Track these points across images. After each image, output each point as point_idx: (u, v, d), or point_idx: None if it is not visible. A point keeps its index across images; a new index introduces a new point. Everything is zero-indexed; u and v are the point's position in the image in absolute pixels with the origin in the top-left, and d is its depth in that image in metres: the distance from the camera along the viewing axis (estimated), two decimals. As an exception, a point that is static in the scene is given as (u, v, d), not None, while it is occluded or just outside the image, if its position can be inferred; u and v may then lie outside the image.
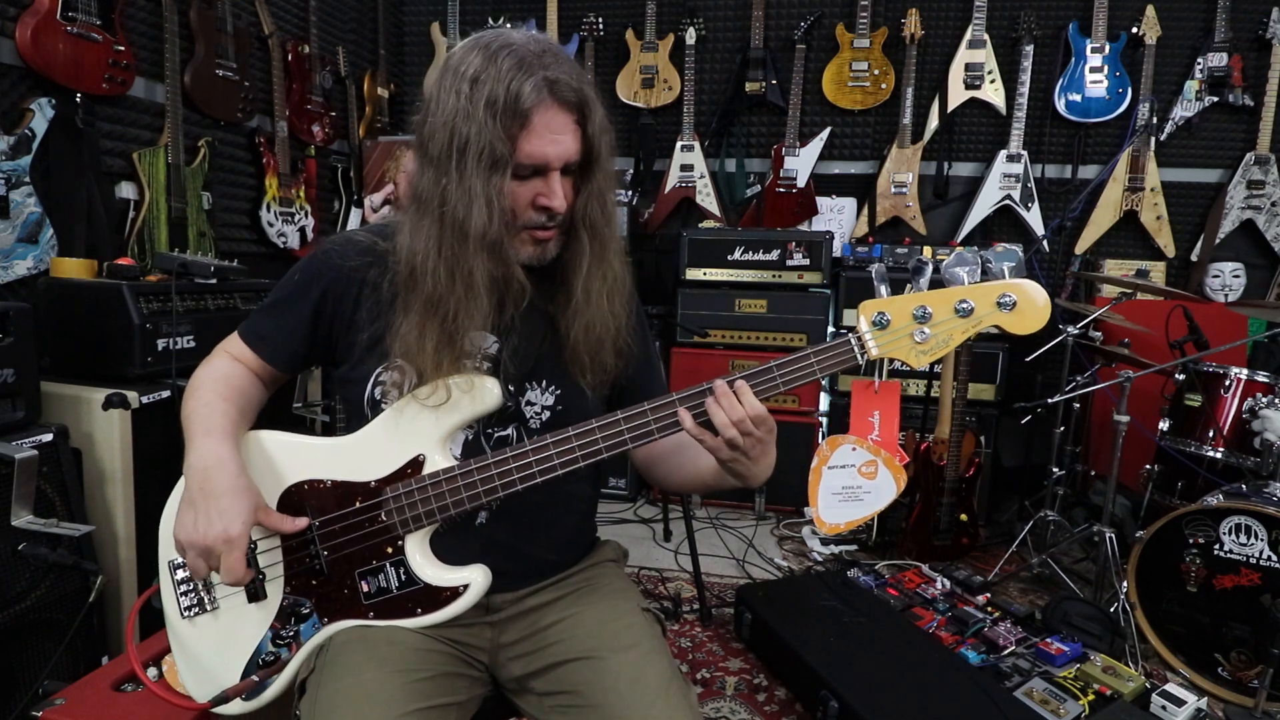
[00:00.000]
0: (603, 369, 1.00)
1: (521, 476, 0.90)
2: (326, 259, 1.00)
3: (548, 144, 0.88)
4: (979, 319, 0.86)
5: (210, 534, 0.87)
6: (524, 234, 0.93)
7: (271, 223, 2.95)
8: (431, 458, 0.93)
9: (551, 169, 0.89)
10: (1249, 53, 3.15)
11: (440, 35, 3.76)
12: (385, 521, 0.93)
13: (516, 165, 0.88)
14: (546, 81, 0.86)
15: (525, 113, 0.85)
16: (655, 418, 0.88)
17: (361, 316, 0.98)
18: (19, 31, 1.94)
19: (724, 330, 3.18)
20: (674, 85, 3.57)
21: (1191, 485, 2.34)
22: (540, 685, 0.98)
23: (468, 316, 0.91)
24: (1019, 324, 0.86)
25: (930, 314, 0.86)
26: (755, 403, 0.86)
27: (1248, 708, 1.80)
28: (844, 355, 0.88)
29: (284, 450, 0.98)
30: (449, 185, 0.87)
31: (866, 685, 1.66)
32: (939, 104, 3.39)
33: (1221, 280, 3.15)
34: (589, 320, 0.97)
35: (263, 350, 1.02)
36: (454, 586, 0.92)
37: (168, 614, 0.99)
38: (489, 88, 0.85)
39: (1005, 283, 0.86)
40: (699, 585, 2.31)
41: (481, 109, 0.85)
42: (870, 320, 0.87)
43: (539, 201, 0.91)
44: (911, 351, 0.88)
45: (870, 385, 0.94)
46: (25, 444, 1.44)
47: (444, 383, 0.91)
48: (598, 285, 0.97)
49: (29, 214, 1.95)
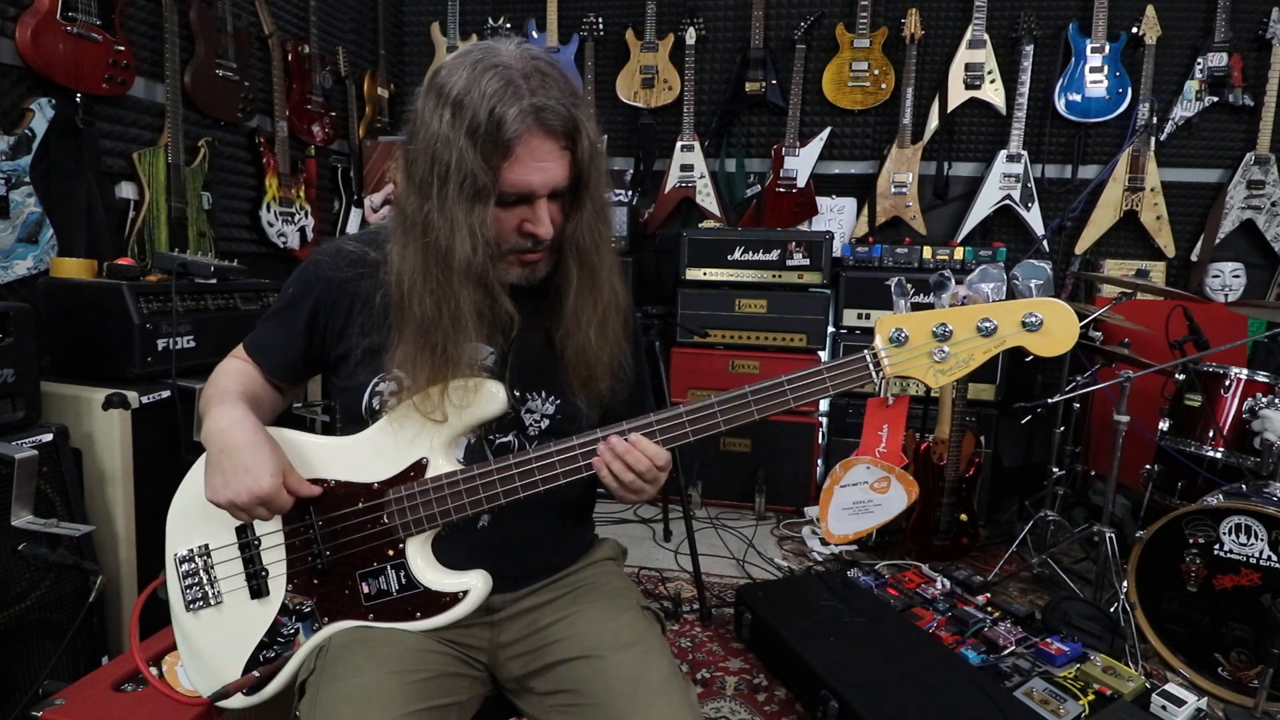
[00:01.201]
0: (596, 389, 1.00)
1: (524, 484, 0.90)
2: (317, 270, 0.99)
3: (532, 173, 0.85)
4: (1002, 339, 0.82)
5: (240, 489, 0.87)
6: (511, 257, 0.92)
7: (271, 223, 2.95)
8: (435, 461, 0.93)
9: (537, 196, 0.87)
10: (1249, 53, 3.15)
11: (440, 35, 3.76)
12: (387, 524, 0.93)
13: (500, 194, 0.86)
14: (533, 109, 0.83)
15: (508, 142, 0.82)
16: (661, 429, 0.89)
17: (354, 329, 0.98)
18: (19, 31, 1.94)
19: (724, 330, 3.18)
20: (674, 85, 3.57)
21: (1191, 485, 2.34)
22: (540, 685, 0.98)
23: (457, 347, 0.89)
24: (1044, 345, 0.82)
25: (951, 332, 0.83)
26: (655, 451, 0.87)
27: (1248, 708, 1.80)
28: (858, 373, 0.86)
29: (291, 448, 0.98)
30: (431, 212, 0.85)
31: (866, 685, 1.66)
32: (939, 104, 3.39)
33: (1221, 280, 3.15)
34: (580, 344, 0.97)
35: (262, 361, 1.04)
36: (454, 592, 0.92)
37: (173, 606, 1.00)
38: (471, 114, 0.82)
39: (1032, 301, 0.82)
40: (699, 585, 2.31)
41: (464, 136, 0.82)
42: (887, 336, 0.84)
43: (525, 228, 0.89)
44: (929, 371, 0.84)
45: (884, 402, 0.93)
46: (25, 444, 1.44)
47: (443, 405, 0.90)
48: (588, 312, 0.96)
49: (29, 214, 1.95)
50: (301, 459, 0.97)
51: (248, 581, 0.97)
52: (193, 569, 0.99)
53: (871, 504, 0.96)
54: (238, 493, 0.87)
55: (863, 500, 0.96)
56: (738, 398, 0.88)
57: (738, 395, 0.88)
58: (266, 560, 0.96)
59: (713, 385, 3.19)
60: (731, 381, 3.16)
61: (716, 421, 0.88)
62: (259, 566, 0.96)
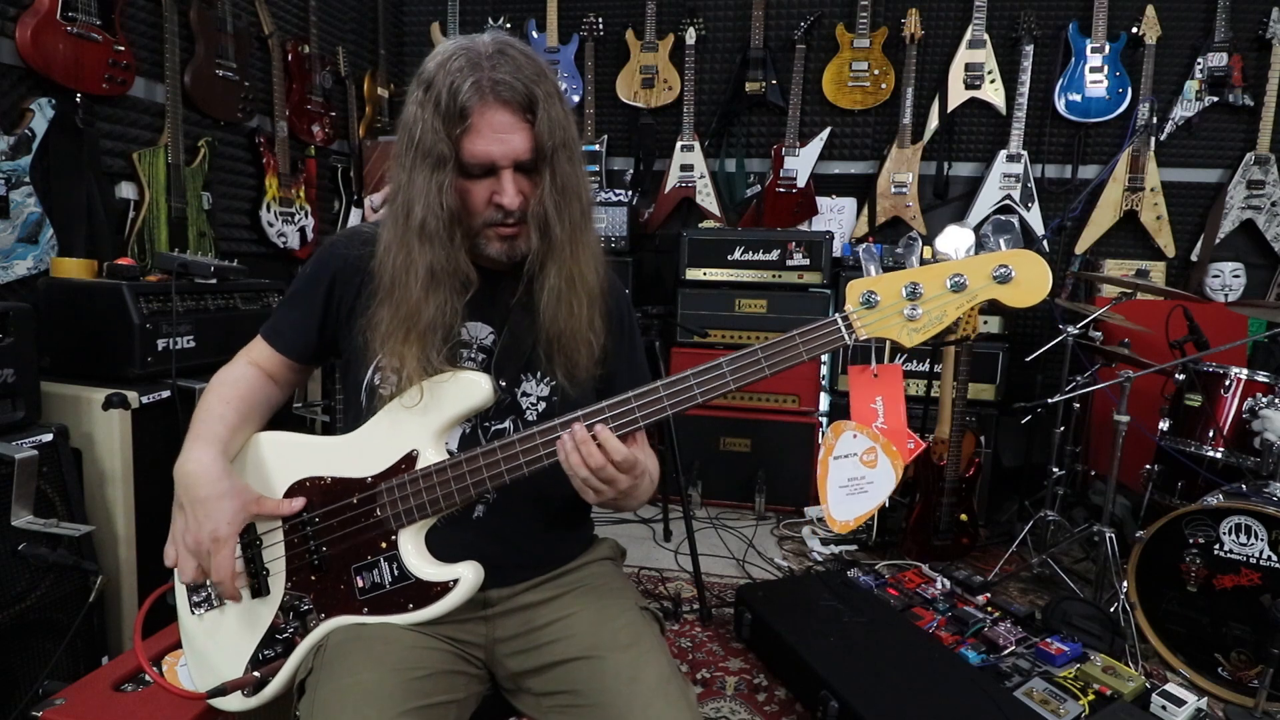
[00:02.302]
0: (574, 366, 1.01)
1: (509, 468, 0.91)
2: (334, 249, 1.06)
3: (491, 143, 0.90)
4: (974, 293, 0.82)
5: (200, 534, 0.91)
6: (487, 231, 0.96)
7: (271, 223, 2.95)
8: (424, 453, 0.94)
9: (501, 167, 0.91)
10: (1249, 53, 3.15)
11: (440, 35, 3.76)
12: (379, 516, 0.94)
13: (464, 164, 0.91)
14: (490, 82, 0.88)
15: (465, 112, 0.88)
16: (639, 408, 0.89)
17: (362, 303, 1.01)
18: (19, 31, 1.94)
19: (724, 330, 3.18)
20: (674, 85, 3.57)
21: (1191, 485, 2.34)
22: (538, 685, 0.98)
23: (413, 306, 0.93)
24: (1017, 296, 0.81)
25: (921, 290, 0.83)
26: (618, 447, 0.87)
27: (1248, 708, 1.80)
28: (830, 336, 0.86)
29: (286, 449, 1.01)
30: (403, 183, 0.93)
31: (866, 685, 1.66)
32: (939, 104, 3.39)
33: (1221, 280, 3.15)
34: (550, 316, 0.98)
35: (278, 343, 1.07)
36: (444, 581, 0.92)
37: (179, 610, 1.02)
38: (436, 90, 0.89)
39: (1001, 253, 0.82)
40: (699, 585, 2.31)
41: (430, 110, 0.89)
42: (858, 300, 0.85)
43: (494, 200, 0.93)
44: (903, 330, 0.84)
45: (867, 370, 0.92)
46: (25, 444, 1.44)
47: (419, 385, 0.93)
48: (551, 282, 0.97)
49: (29, 214, 1.95)
50: (299, 457, 0.99)
51: (249, 581, 0.98)
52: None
53: (865, 481, 0.95)
54: (197, 536, 0.92)
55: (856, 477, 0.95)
56: (712, 369, 0.88)
57: (712, 367, 0.88)
58: (267, 558, 0.97)
59: (713, 385, 3.19)
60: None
61: (694, 394, 0.89)
62: (260, 565, 0.97)
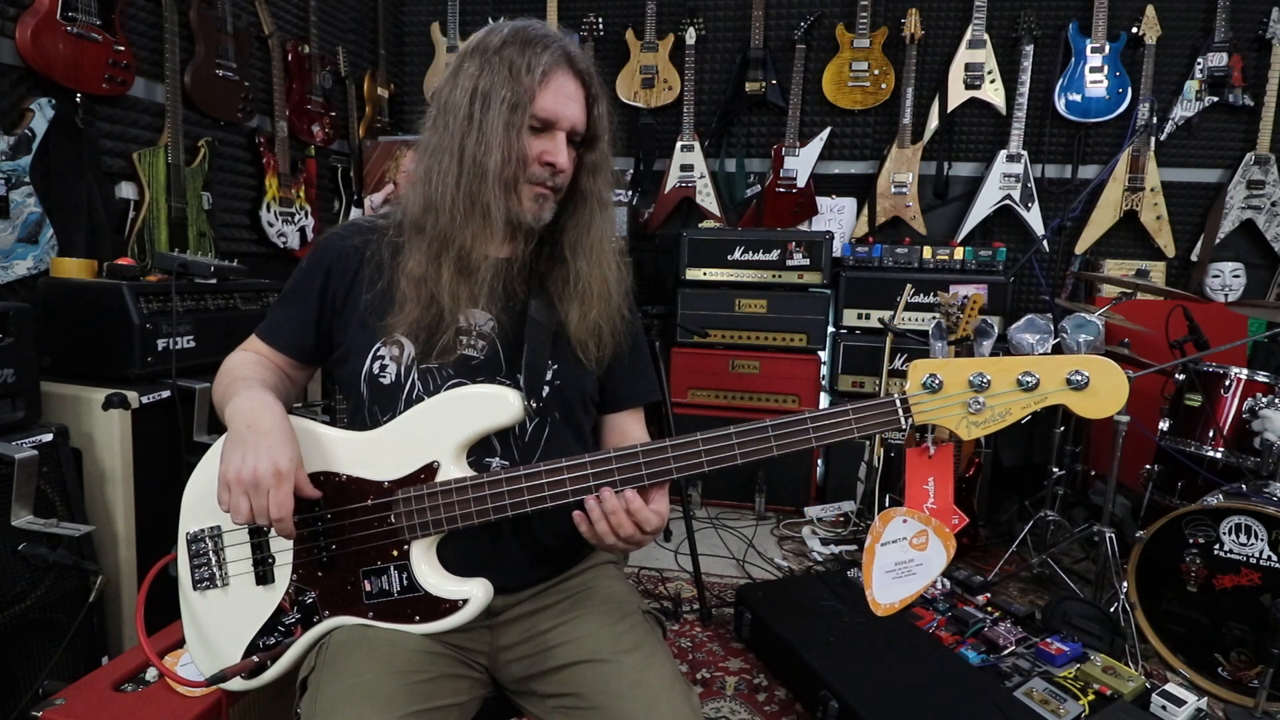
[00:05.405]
0: (598, 344, 1.03)
1: (532, 499, 0.90)
2: (328, 241, 1.07)
3: (561, 103, 0.96)
4: (1044, 395, 0.78)
5: (260, 466, 0.85)
6: (528, 187, 0.98)
7: (271, 223, 2.95)
8: (445, 466, 0.93)
9: (559, 128, 0.97)
10: (1249, 53, 3.15)
11: (440, 35, 3.76)
12: (394, 524, 0.93)
13: (531, 117, 0.95)
14: (564, 51, 0.96)
15: (544, 73, 0.94)
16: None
17: (360, 289, 1.02)
18: (19, 31, 1.94)
19: (724, 330, 3.18)
20: (674, 85, 3.57)
21: (1191, 485, 2.34)
22: (542, 687, 0.98)
23: (481, 246, 0.97)
24: (1089, 406, 0.77)
25: (989, 382, 0.79)
26: (649, 519, 0.87)
27: (1248, 708, 1.80)
28: (886, 418, 0.83)
29: (307, 436, 0.97)
30: (468, 135, 0.95)
31: (866, 685, 1.66)
32: (939, 104, 3.39)
33: (1221, 280, 3.15)
34: (583, 289, 1.01)
35: (276, 340, 1.07)
36: (454, 599, 0.92)
37: (181, 584, 1.02)
38: (510, 54, 0.94)
39: (1079, 357, 0.77)
40: (699, 585, 2.31)
41: (506, 69, 0.94)
42: (920, 382, 0.81)
43: (544, 157, 0.97)
44: (962, 422, 0.80)
45: (924, 452, 0.86)
46: (25, 444, 1.44)
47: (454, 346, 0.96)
48: (583, 252, 1.03)
49: (29, 214, 1.95)
50: (317, 449, 0.97)
51: (254, 567, 0.97)
52: (202, 549, 1.00)
53: (914, 564, 0.92)
54: (256, 468, 0.85)
55: (904, 560, 0.92)
56: (757, 430, 0.85)
57: (758, 428, 0.85)
58: (274, 547, 0.97)
59: (713, 385, 3.19)
60: (731, 382, 3.17)
61: (734, 454, 0.85)
62: (267, 553, 0.97)
